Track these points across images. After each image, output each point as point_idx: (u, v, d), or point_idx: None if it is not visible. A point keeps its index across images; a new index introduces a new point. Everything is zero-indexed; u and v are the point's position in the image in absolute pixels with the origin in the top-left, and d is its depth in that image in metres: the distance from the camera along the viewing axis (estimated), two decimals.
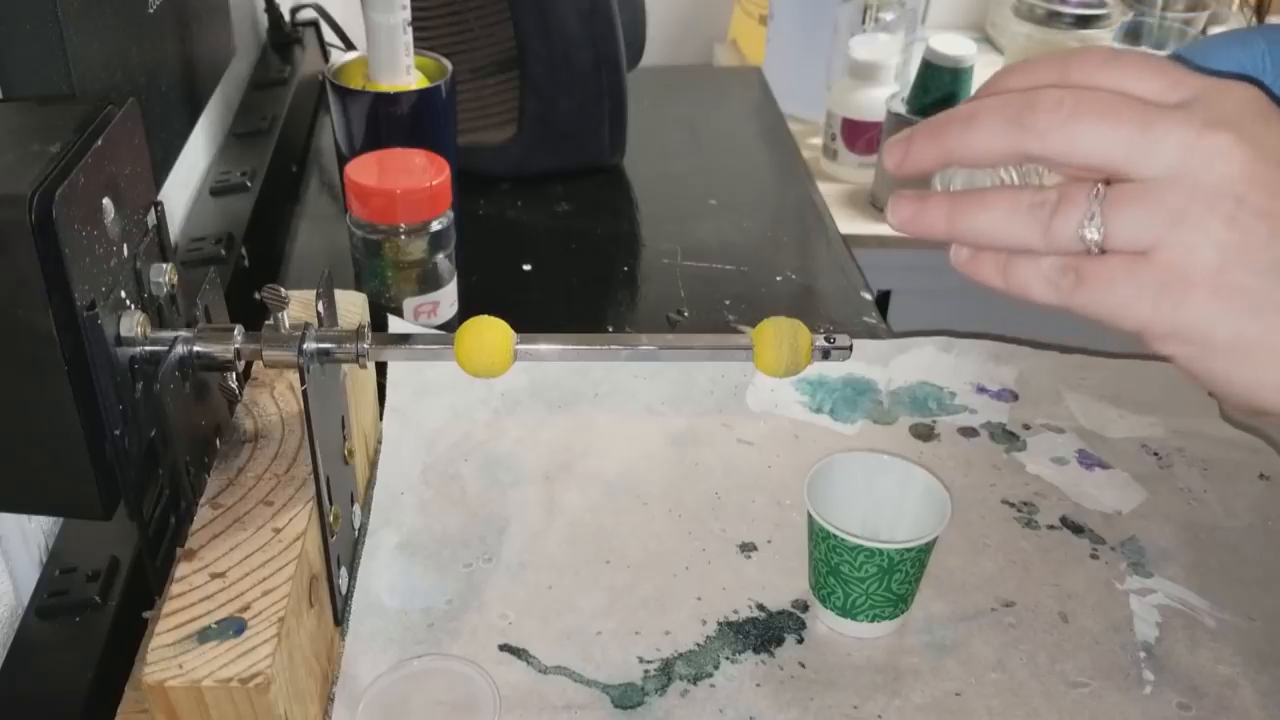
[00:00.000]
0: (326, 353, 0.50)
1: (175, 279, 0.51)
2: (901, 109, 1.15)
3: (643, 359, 0.55)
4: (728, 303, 0.85)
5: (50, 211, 0.40)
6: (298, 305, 0.59)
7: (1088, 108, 0.36)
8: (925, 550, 0.54)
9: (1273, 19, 1.55)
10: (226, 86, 1.01)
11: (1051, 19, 1.16)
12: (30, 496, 0.47)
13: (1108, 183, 0.37)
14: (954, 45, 1.11)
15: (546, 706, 0.53)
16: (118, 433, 0.46)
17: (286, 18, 1.22)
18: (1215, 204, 0.35)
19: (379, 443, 0.68)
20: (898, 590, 0.55)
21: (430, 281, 0.76)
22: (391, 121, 0.81)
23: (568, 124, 0.99)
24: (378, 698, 0.52)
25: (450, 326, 0.76)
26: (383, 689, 0.52)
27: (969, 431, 0.70)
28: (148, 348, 0.48)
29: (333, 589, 0.54)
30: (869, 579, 0.54)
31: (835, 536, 0.54)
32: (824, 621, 0.57)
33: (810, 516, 0.55)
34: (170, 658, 0.43)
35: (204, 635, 0.44)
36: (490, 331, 0.50)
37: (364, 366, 0.53)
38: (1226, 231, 0.35)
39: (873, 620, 0.56)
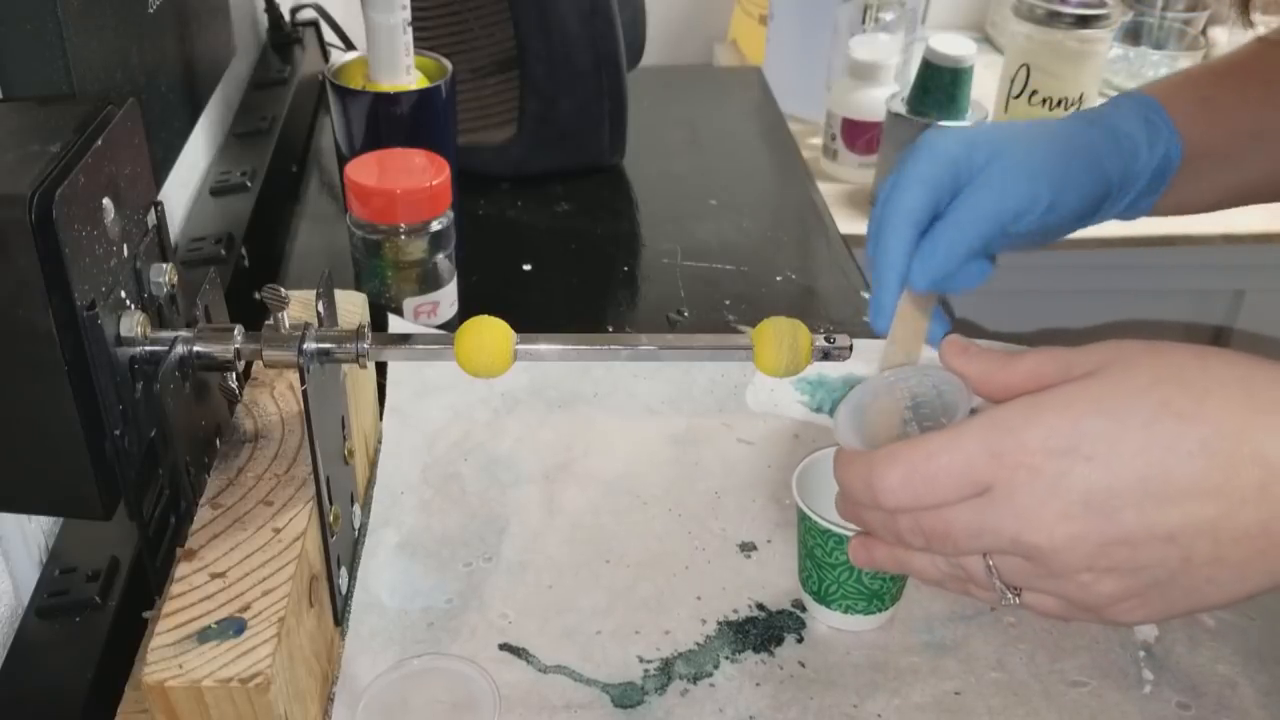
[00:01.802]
0: (326, 353, 0.50)
1: (175, 279, 0.51)
2: (901, 109, 1.15)
3: (643, 359, 0.55)
4: (728, 303, 0.85)
5: (50, 211, 0.40)
6: (298, 305, 0.59)
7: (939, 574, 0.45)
8: None
9: (1271, 19, 1.55)
10: (226, 86, 1.01)
11: (1051, 19, 1.16)
12: (30, 496, 0.47)
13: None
14: (954, 45, 1.11)
15: (546, 706, 0.53)
16: (118, 433, 0.46)
17: (286, 18, 1.22)
18: (1079, 576, 0.41)
19: (379, 443, 0.68)
20: (869, 584, 0.55)
21: (430, 281, 0.76)
22: (391, 121, 0.81)
23: (568, 124, 0.99)
24: (378, 697, 0.52)
25: (450, 326, 0.76)
26: (383, 689, 0.52)
27: None
28: (148, 348, 0.48)
29: (333, 589, 0.54)
30: (839, 566, 0.54)
31: (809, 519, 0.54)
32: (818, 617, 0.57)
33: (795, 499, 0.56)
34: (170, 658, 0.43)
35: (204, 635, 0.44)
36: (490, 331, 0.50)
37: (364, 366, 0.53)
38: (1104, 585, 0.41)
39: (846, 611, 0.56)
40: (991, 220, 0.55)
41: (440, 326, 0.78)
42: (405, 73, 0.82)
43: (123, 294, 0.46)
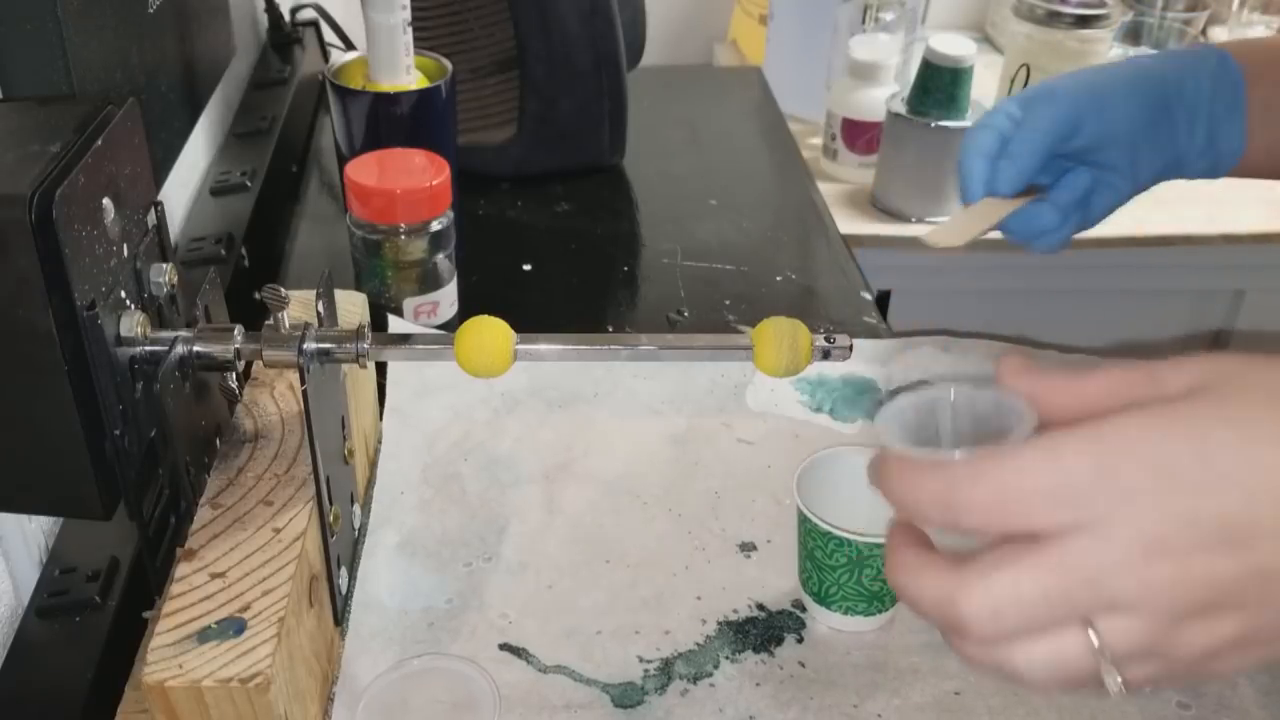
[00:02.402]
0: (326, 353, 0.50)
1: (175, 279, 0.51)
2: (901, 109, 1.15)
3: (643, 359, 0.55)
4: (728, 303, 0.85)
5: (50, 211, 0.40)
6: (298, 305, 0.59)
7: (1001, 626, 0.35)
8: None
9: (1272, 19, 1.55)
10: (226, 86, 1.01)
11: (1051, 19, 1.16)
12: (30, 496, 0.47)
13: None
14: (954, 45, 1.11)
15: (546, 706, 0.53)
16: (118, 433, 0.46)
17: (286, 18, 1.22)
18: (1198, 620, 0.35)
19: (379, 443, 0.68)
20: (870, 586, 0.55)
21: (430, 281, 0.76)
22: (391, 121, 0.81)
23: (568, 124, 0.99)
24: (378, 697, 0.52)
25: (450, 326, 0.76)
26: (383, 688, 0.52)
27: None
28: (148, 348, 0.48)
29: (333, 589, 0.54)
30: (839, 568, 0.54)
31: (810, 521, 0.54)
32: (818, 618, 0.57)
33: (796, 501, 0.55)
34: (170, 658, 0.43)
35: (204, 635, 0.44)
36: (490, 331, 0.50)
37: (364, 366, 0.53)
38: (1225, 627, 0.35)
39: (846, 613, 0.56)
40: (1048, 129, 0.62)
41: (440, 326, 0.78)
42: (405, 73, 0.82)
43: (123, 294, 0.46)
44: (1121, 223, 1.23)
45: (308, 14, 1.25)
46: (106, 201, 0.45)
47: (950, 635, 0.37)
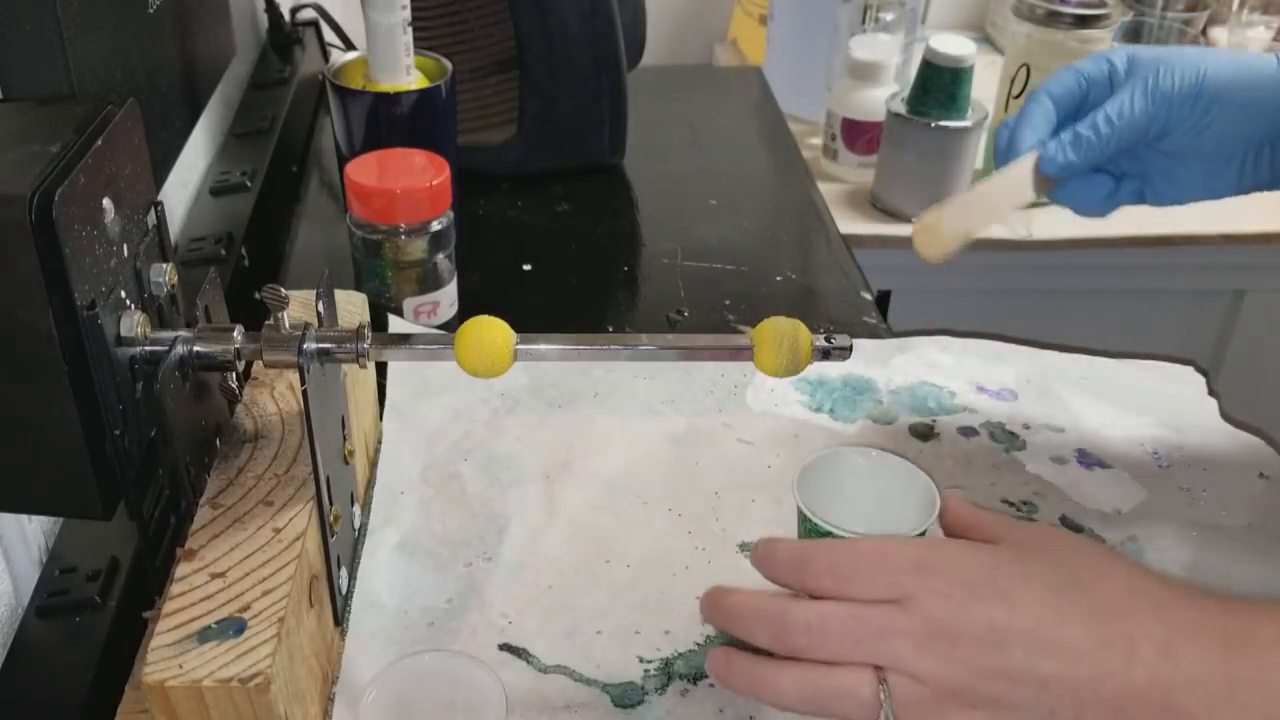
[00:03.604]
0: (326, 353, 0.50)
1: (175, 279, 0.51)
2: (901, 109, 1.15)
3: (643, 359, 0.55)
4: (728, 303, 0.85)
5: (50, 211, 0.40)
6: (298, 305, 0.59)
7: (826, 643, 0.44)
8: None
9: (1272, 19, 1.55)
10: (226, 86, 1.01)
11: (1051, 19, 1.16)
12: (30, 496, 0.47)
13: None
14: (954, 45, 1.11)
15: (546, 706, 0.53)
16: (118, 433, 0.46)
17: (286, 18, 1.22)
18: (954, 706, 0.43)
19: (379, 443, 0.68)
20: None
21: (430, 281, 0.76)
22: (391, 121, 0.81)
23: (568, 124, 0.99)
24: (385, 692, 0.52)
25: (450, 326, 0.76)
26: (390, 684, 0.52)
27: (969, 431, 0.70)
28: (148, 348, 0.48)
29: (333, 589, 0.54)
30: None
31: (810, 520, 0.54)
32: None
33: (796, 501, 0.55)
34: (170, 658, 0.43)
35: (204, 635, 0.44)
36: (490, 331, 0.50)
37: (364, 366, 0.53)
38: (977, 715, 0.44)
39: None
40: (1125, 128, 0.58)
41: (440, 326, 0.78)
42: (405, 73, 0.82)
43: (123, 294, 0.46)
44: (1121, 223, 1.23)
45: (308, 14, 1.25)
46: (106, 201, 0.45)
47: (775, 633, 0.45)
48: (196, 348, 0.50)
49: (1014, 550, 0.46)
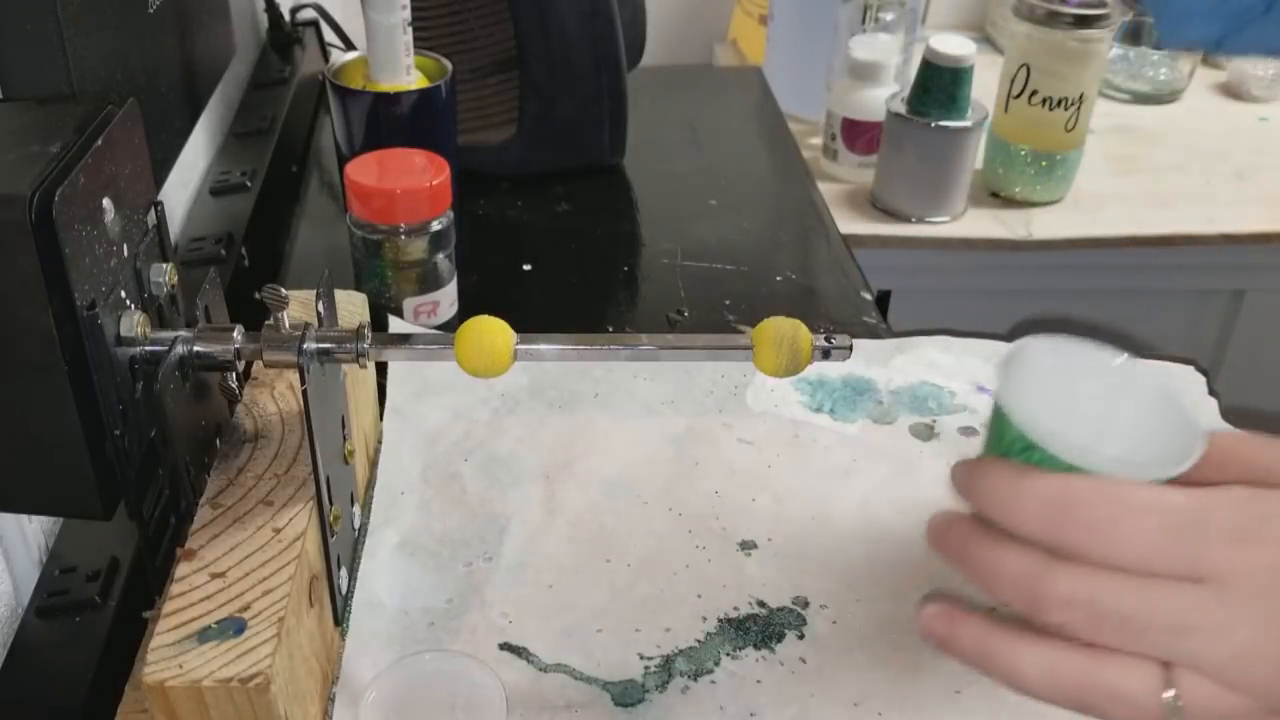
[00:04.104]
0: (326, 353, 0.50)
1: (175, 279, 0.51)
2: (901, 109, 1.15)
3: (643, 359, 0.55)
4: (728, 303, 0.85)
5: (50, 211, 0.40)
6: (298, 305, 0.59)
7: (1101, 625, 0.34)
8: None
9: None
10: (226, 86, 1.01)
11: (1051, 19, 1.16)
12: (30, 496, 0.47)
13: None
14: (954, 45, 1.11)
15: (547, 706, 0.53)
16: (118, 433, 0.46)
17: (286, 18, 1.22)
18: None
19: (379, 443, 0.68)
20: None
21: (430, 281, 0.76)
22: (391, 121, 0.81)
23: (568, 124, 0.99)
24: (385, 691, 0.52)
25: (450, 326, 0.76)
26: (391, 683, 0.52)
27: (969, 431, 0.70)
28: (148, 348, 0.48)
29: (333, 589, 0.54)
30: None
31: (1037, 447, 0.37)
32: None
33: (1001, 415, 0.40)
34: (170, 658, 0.43)
35: (204, 635, 0.44)
36: (490, 331, 0.50)
37: (364, 366, 0.53)
38: None
39: None
40: None
41: (440, 326, 0.78)
42: (405, 73, 0.82)
43: (123, 294, 0.46)
44: (1122, 223, 1.23)
45: (308, 14, 1.25)
46: (106, 201, 0.45)
47: (1027, 602, 0.35)
48: (196, 348, 0.50)
49: None
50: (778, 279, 0.88)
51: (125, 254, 0.47)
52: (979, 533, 0.37)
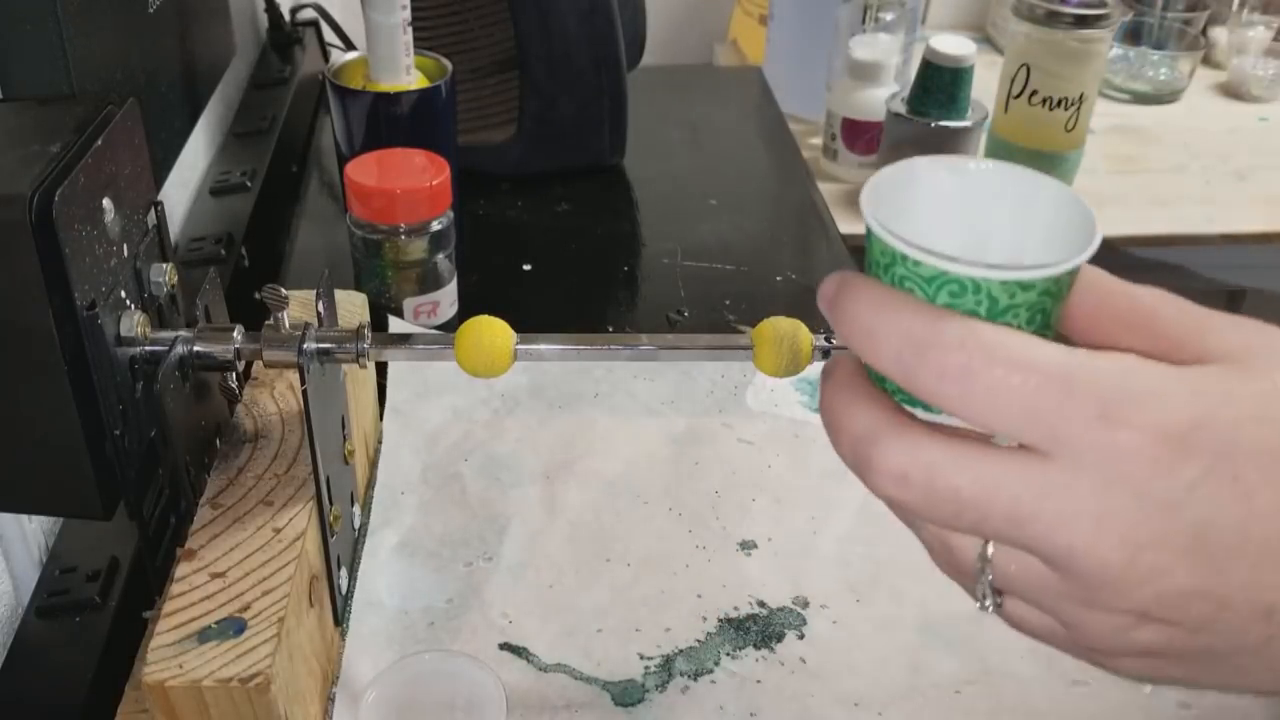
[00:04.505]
0: (326, 353, 0.50)
1: (175, 279, 0.51)
2: (901, 109, 1.15)
3: (643, 359, 0.55)
4: (728, 303, 0.85)
5: (50, 211, 0.40)
6: (298, 305, 0.59)
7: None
8: (1054, 286, 0.32)
9: (1272, 18, 1.55)
10: (226, 86, 1.01)
11: (1051, 19, 1.16)
12: (30, 496, 0.47)
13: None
14: (954, 45, 1.11)
15: (547, 706, 0.53)
16: (118, 433, 0.46)
17: (286, 18, 1.22)
18: (1118, 616, 0.30)
19: (379, 443, 0.68)
20: None
21: (430, 281, 0.76)
22: (391, 121, 0.81)
23: (568, 124, 0.99)
24: (385, 692, 0.52)
25: (450, 326, 0.76)
26: (391, 683, 0.52)
27: None
28: (148, 348, 0.48)
29: (333, 589, 0.54)
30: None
31: (907, 260, 0.32)
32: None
33: (871, 234, 0.34)
34: (170, 657, 0.43)
35: (204, 635, 0.44)
36: (490, 331, 0.50)
37: (364, 366, 0.53)
38: (1144, 635, 0.30)
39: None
40: None
41: (440, 326, 0.78)
42: (405, 73, 0.82)
43: (123, 294, 0.46)
44: (1122, 223, 1.23)
45: (308, 14, 1.25)
46: (106, 201, 0.45)
47: (858, 472, 0.32)
48: (196, 348, 0.50)
49: (1240, 377, 0.29)
50: (778, 279, 0.88)
51: (125, 254, 0.47)
52: (844, 385, 0.33)
